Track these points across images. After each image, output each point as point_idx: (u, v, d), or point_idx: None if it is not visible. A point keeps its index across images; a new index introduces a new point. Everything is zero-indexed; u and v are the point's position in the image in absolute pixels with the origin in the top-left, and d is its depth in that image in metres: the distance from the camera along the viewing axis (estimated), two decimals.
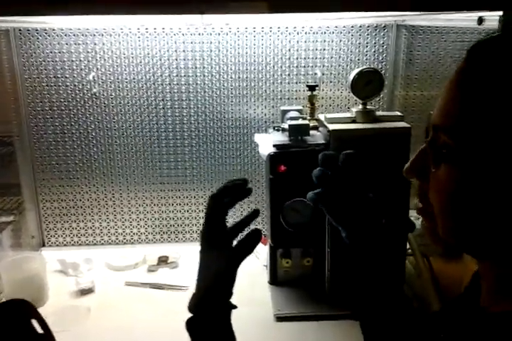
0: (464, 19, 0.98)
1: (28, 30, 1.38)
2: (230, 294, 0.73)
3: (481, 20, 0.92)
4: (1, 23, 1.32)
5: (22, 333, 0.94)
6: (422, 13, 1.05)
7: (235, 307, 0.73)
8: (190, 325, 0.71)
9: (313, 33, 1.42)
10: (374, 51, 1.45)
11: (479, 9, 0.86)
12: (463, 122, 0.44)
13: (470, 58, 0.46)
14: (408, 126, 1.15)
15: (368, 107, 1.17)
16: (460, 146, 0.44)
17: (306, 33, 1.42)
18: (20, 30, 1.38)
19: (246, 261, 0.75)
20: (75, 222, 1.57)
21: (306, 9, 0.88)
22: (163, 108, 1.47)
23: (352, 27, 1.42)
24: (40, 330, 0.96)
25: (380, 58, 1.46)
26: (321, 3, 0.86)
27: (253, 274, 1.35)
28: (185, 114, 1.48)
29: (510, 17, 0.85)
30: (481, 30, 0.96)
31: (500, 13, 0.85)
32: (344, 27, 1.42)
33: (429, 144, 0.49)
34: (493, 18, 0.88)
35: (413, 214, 1.41)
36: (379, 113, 1.19)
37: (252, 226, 0.82)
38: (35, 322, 0.96)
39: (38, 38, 1.39)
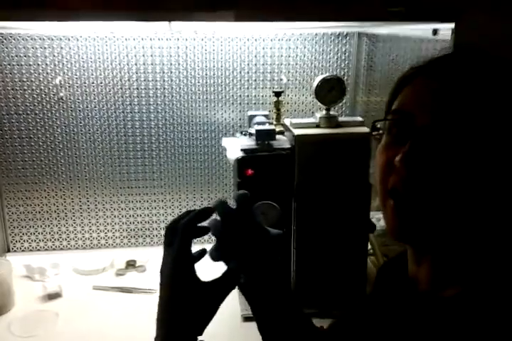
0: (421, 29, 1.04)
1: None
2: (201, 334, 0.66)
3: (435, 31, 0.98)
4: None
5: None
6: (380, 23, 1.11)
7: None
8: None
9: (279, 40, 1.46)
10: (337, 58, 1.50)
11: (433, 21, 0.91)
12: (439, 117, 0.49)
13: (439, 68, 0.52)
14: (368, 131, 1.20)
15: (331, 113, 1.22)
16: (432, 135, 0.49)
17: (271, 40, 1.46)
18: None
19: (214, 265, 0.72)
20: (41, 226, 1.56)
21: (270, 19, 0.91)
22: (131, 112, 1.49)
23: (316, 35, 1.47)
24: None
25: (343, 65, 1.51)
26: (286, 14, 0.90)
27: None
28: (152, 118, 1.50)
29: (462, 29, 0.91)
30: (436, 40, 1.02)
31: (453, 25, 0.91)
32: (308, 35, 1.47)
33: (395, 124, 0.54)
34: (446, 29, 0.94)
35: (374, 215, 1.47)
36: (341, 118, 1.24)
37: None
38: None
39: (2, 42, 1.38)
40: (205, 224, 0.68)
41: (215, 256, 0.70)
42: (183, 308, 0.63)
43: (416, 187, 0.49)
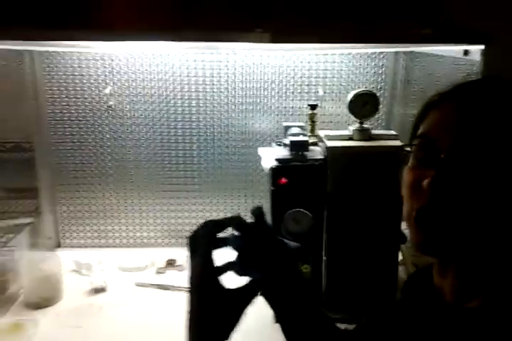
0: (453, 50, 1.07)
1: (49, 52, 1.49)
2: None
3: (466, 52, 1.01)
4: (26, 46, 1.42)
5: None
6: (413, 44, 1.14)
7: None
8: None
9: (316, 55, 1.51)
10: (374, 72, 1.53)
11: (462, 43, 0.94)
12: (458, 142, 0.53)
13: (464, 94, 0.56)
14: (401, 144, 1.23)
15: (364, 126, 1.25)
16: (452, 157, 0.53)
17: (309, 54, 1.51)
18: (43, 52, 1.49)
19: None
20: (89, 225, 1.67)
21: (305, 41, 0.97)
22: (174, 120, 1.57)
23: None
24: None
25: (379, 79, 1.54)
26: (319, 35, 0.95)
27: None
28: (194, 127, 1.58)
29: (490, 51, 0.94)
30: (468, 60, 1.05)
31: (482, 47, 0.94)
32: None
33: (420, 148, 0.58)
34: (476, 50, 0.97)
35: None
36: (375, 131, 1.27)
37: None
38: None
39: (60, 56, 1.50)
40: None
41: (237, 270, 0.73)
42: (210, 315, 0.66)
43: (441, 207, 0.54)
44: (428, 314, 0.61)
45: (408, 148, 0.60)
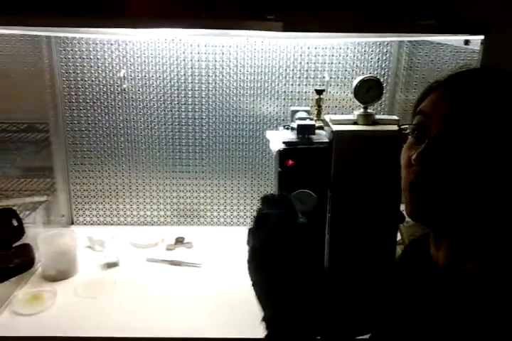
0: (454, 39, 1.12)
1: (66, 37, 1.54)
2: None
3: (467, 42, 1.06)
4: (43, 32, 1.47)
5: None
6: (416, 34, 1.19)
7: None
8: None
9: (323, 41, 1.55)
10: (378, 58, 1.58)
11: (463, 33, 0.99)
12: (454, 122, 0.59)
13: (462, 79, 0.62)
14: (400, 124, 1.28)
15: (368, 111, 1.31)
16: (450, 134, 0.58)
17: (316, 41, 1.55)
18: (60, 37, 1.54)
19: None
20: (102, 203, 1.73)
21: (314, 30, 1.02)
22: (185, 104, 1.62)
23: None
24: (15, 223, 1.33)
25: (383, 65, 1.59)
26: (327, 26, 1.00)
27: None
28: (204, 110, 1.63)
29: (490, 41, 0.99)
30: (469, 49, 1.10)
31: (482, 37, 0.99)
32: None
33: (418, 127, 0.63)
34: (477, 40, 1.02)
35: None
36: (378, 116, 1.32)
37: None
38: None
39: (76, 40, 1.54)
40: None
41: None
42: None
43: (428, 180, 0.60)
44: (424, 277, 0.68)
45: (406, 128, 0.66)
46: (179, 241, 1.61)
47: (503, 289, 0.55)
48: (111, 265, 1.47)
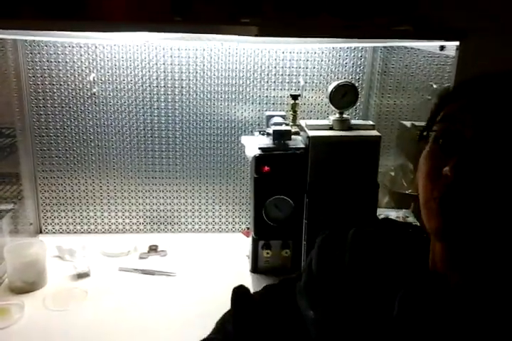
0: (430, 45, 1.12)
1: (34, 40, 1.49)
2: None
3: (442, 48, 1.06)
4: (8, 35, 1.42)
5: None
6: (393, 40, 1.19)
7: None
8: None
9: (298, 46, 1.54)
10: (353, 63, 1.58)
11: (438, 39, 0.99)
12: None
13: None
14: (378, 134, 1.28)
15: (344, 116, 1.30)
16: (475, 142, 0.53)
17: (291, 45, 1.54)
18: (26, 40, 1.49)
19: (230, 252, 0.80)
20: (71, 211, 1.68)
21: (288, 35, 1.01)
22: (157, 108, 1.59)
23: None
24: None
25: (358, 70, 1.59)
26: (301, 31, 0.98)
27: (236, 263, 1.47)
28: (177, 115, 1.60)
29: (465, 47, 0.99)
30: (443, 54, 1.10)
31: (457, 43, 0.99)
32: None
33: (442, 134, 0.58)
34: (452, 46, 1.02)
35: (383, 212, 1.56)
36: (354, 121, 1.32)
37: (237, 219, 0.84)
38: None
39: (43, 43, 1.49)
40: None
41: None
42: None
43: (465, 193, 0.53)
44: (433, 299, 0.60)
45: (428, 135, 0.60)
46: (152, 249, 1.58)
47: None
48: (81, 275, 1.43)
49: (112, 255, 1.55)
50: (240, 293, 0.75)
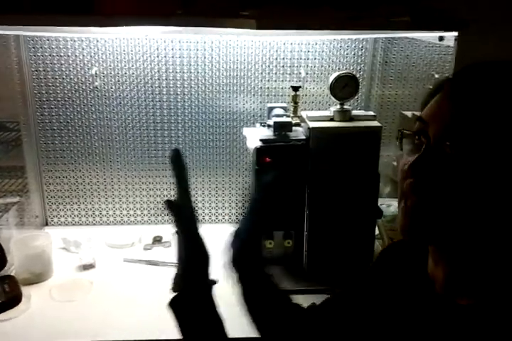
0: (429, 36, 1.12)
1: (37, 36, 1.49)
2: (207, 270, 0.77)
3: (441, 38, 1.06)
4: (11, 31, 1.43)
5: None
6: (392, 31, 1.19)
7: (214, 282, 0.78)
8: (173, 304, 0.77)
9: (299, 37, 1.54)
10: (354, 54, 1.58)
11: (437, 30, 0.99)
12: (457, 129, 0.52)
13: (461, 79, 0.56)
14: (379, 125, 1.28)
15: (345, 107, 1.31)
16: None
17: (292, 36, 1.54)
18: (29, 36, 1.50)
19: None
20: (76, 203, 1.70)
21: (288, 27, 1.01)
22: (159, 101, 1.60)
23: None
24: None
25: (359, 60, 1.59)
26: (301, 23, 0.99)
27: None
28: (179, 107, 1.61)
29: (464, 37, 0.99)
30: (443, 44, 1.10)
31: (456, 33, 0.99)
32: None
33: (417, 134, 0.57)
34: (451, 36, 1.02)
35: (384, 202, 1.57)
36: (355, 112, 1.32)
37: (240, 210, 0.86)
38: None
39: (45, 38, 1.50)
40: None
41: None
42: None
43: (421, 192, 0.54)
44: (415, 299, 0.62)
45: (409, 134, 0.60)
46: (157, 240, 1.59)
47: (502, 329, 0.51)
48: (87, 266, 1.44)
49: (116, 246, 1.57)
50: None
